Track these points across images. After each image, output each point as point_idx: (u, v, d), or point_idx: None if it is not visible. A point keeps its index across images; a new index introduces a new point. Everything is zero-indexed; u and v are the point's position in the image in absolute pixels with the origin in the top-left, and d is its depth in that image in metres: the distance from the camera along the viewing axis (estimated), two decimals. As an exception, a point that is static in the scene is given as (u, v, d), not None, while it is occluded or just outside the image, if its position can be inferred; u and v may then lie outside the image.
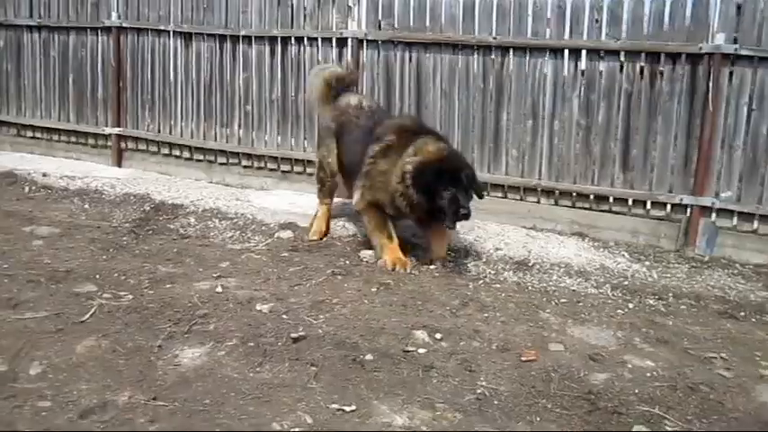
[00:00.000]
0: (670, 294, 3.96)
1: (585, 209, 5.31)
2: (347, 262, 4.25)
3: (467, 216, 3.97)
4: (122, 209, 5.40)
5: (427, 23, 5.63)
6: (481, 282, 4.03)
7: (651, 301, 3.86)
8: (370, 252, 4.31)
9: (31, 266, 3.89)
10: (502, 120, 5.47)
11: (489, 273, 4.20)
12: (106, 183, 5.99)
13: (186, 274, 3.88)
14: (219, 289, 3.64)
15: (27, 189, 5.95)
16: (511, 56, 5.40)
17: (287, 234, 4.81)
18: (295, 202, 5.42)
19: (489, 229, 5.07)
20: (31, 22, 7.45)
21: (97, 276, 3.77)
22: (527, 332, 3.28)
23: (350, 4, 5.86)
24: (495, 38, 5.39)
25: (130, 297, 3.49)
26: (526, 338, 3.20)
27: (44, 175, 6.22)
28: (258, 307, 3.40)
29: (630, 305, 3.79)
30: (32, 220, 4.96)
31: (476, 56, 5.50)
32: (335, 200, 5.07)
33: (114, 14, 6.88)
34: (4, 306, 3.28)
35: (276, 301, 3.49)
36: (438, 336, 3.14)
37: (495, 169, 5.51)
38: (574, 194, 5.31)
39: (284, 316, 3.31)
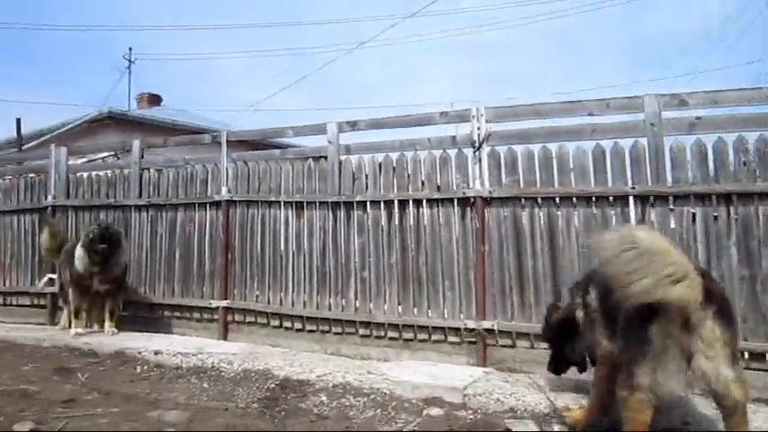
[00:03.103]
0: None
1: (764, 370, 4.65)
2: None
3: None
4: (245, 387, 4.98)
5: (555, 177, 5.43)
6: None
7: None
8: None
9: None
10: (650, 273, 5.02)
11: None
12: (222, 359, 5.62)
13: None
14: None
15: (139, 369, 5.64)
16: (652, 206, 5.09)
17: (436, 411, 4.27)
18: (434, 374, 4.91)
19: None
20: (140, 201, 7.61)
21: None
22: None
23: (470, 163, 5.75)
24: (632, 187, 5.11)
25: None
26: None
27: (156, 353, 5.91)
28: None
29: None
30: (155, 403, 4.57)
31: (613, 207, 5.21)
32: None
33: (224, 189, 6.96)
34: None
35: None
36: None
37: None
38: (746, 354, 4.68)
39: None
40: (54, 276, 7.87)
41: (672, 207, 5.01)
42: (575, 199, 5.32)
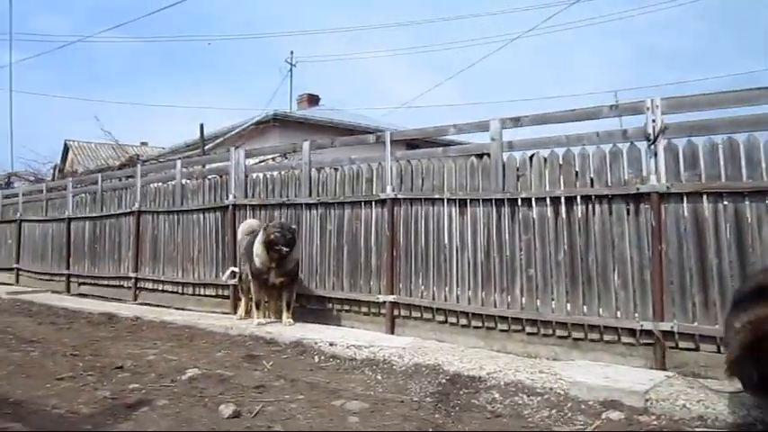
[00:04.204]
0: None
1: None
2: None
3: None
4: (416, 381, 5.16)
5: (743, 170, 5.03)
6: None
7: None
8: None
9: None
10: None
11: None
12: (392, 352, 5.85)
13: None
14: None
15: (317, 359, 6.02)
16: None
17: (616, 415, 4.15)
18: (609, 376, 4.77)
19: None
20: (311, 200, 8.07)
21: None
22: None
23: (645, 157, 5.49)
24: (837, 180, 4.63)
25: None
26: None
27: (331, 344, 6.27)
28: None
29: None
30: (335, 392, 4.87)
31: (813, 202, 4.75)
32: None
33: (389, 187, 7.19)
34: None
35: None
36: None
37: None
38: None
39: None
40: (237, 269, 8.59)
41: None
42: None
